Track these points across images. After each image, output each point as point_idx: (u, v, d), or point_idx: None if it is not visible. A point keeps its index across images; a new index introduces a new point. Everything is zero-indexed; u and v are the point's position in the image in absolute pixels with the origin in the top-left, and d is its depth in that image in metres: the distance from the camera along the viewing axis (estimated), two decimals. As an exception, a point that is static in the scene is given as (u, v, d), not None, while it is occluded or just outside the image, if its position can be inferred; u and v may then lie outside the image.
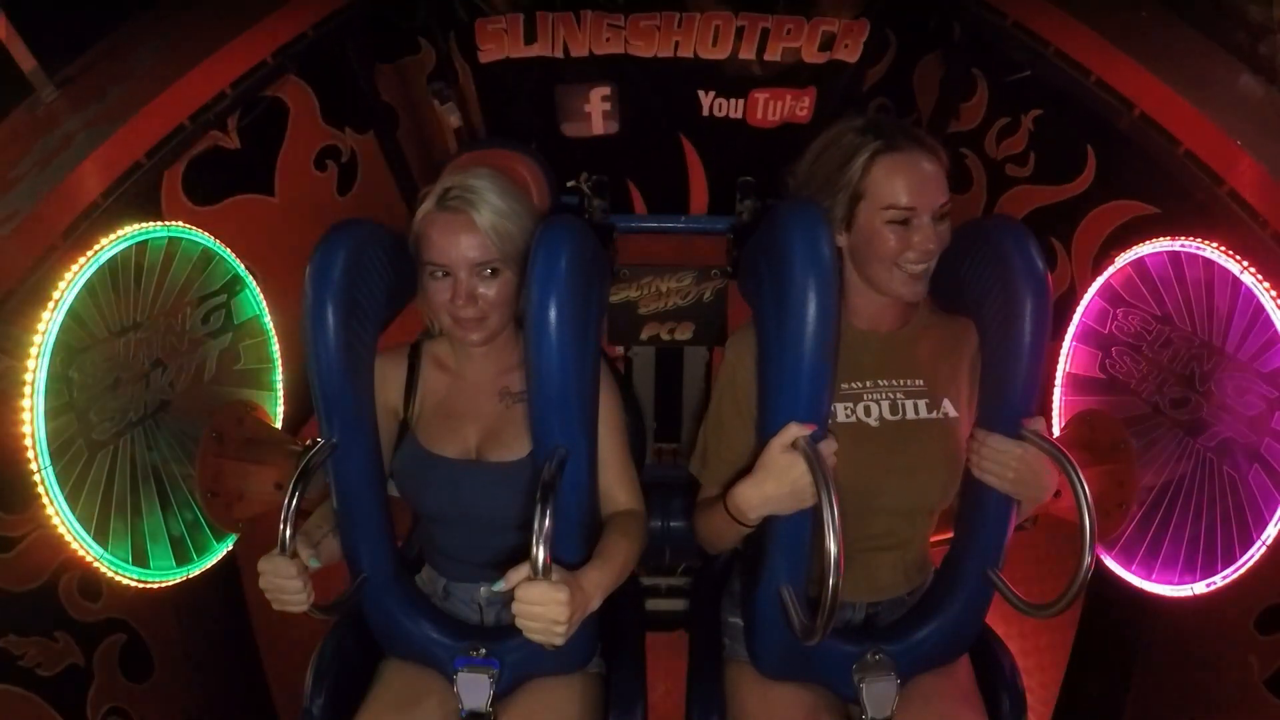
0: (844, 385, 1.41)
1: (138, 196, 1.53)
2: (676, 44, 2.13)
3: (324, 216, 1.98)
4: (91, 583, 1.49)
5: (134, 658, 1.62)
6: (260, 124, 1.82)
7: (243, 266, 1.76)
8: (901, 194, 1.31)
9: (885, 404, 1.42)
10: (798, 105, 2.25)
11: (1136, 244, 1.63)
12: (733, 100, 2.24)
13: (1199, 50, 1.69)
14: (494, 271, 1.38)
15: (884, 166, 1.32)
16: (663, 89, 2.22)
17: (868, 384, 1.43)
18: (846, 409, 1.41)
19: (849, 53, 2.15)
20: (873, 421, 1.41)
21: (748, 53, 2.14)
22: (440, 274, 1.39)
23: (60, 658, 1.47)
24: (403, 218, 2.32)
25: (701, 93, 2.24)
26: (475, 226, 1.36)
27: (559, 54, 2.14)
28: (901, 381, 1.43)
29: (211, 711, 1.86)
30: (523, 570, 1.18)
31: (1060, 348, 1.82)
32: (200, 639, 1.86)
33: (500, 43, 2.14)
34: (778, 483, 1.27)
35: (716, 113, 2.26)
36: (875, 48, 2.15)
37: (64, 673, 1.47)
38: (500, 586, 1.19)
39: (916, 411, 1.42)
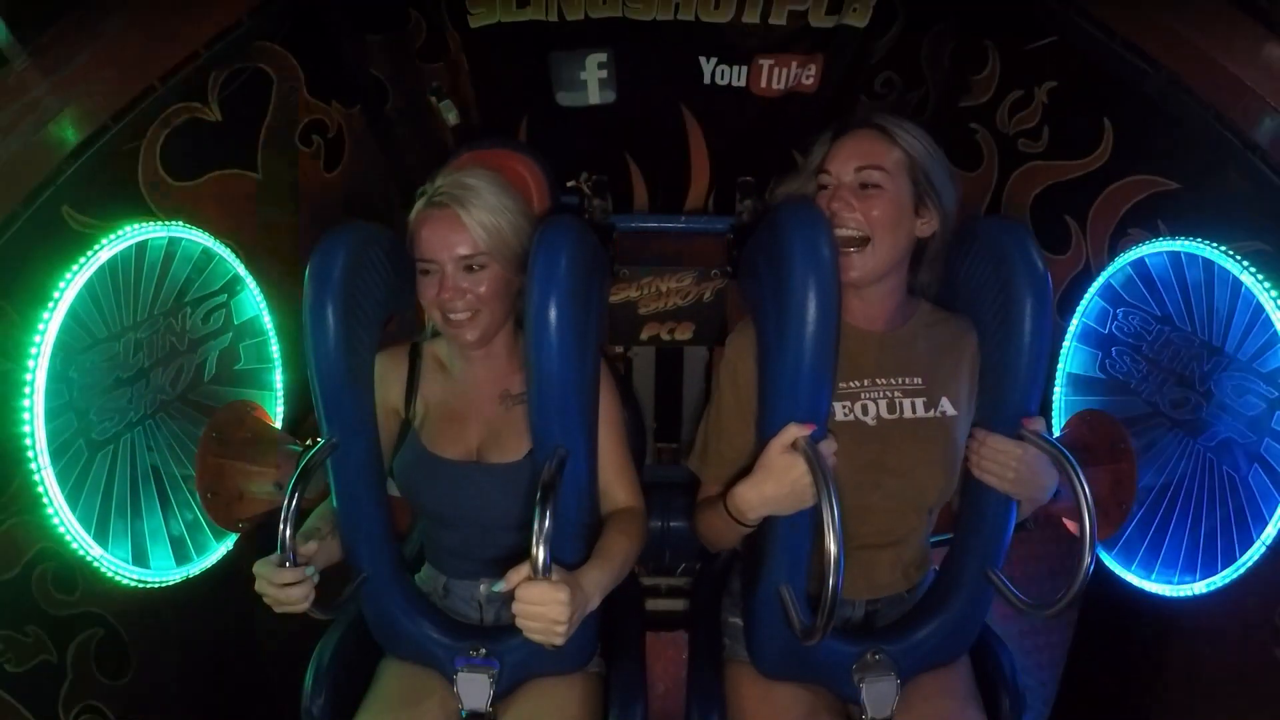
0: (842, 384, 1.41)
1: (111, 168, 1.45)
2: (677, 6, 2.03)
3: (310, 193, 1.97)
4: (67, 575, 1.43)
5: (111, 654, 1.56)
6: (242, 96, 1.72)
7: (243, 266, 1.76)
8: (827, 159, 1.41)
9: (883, 403, 1.42)
10: (804, 73, 2.15)
11: (1154, 221, 1.60)
12: (736, 67, 2.14)
13: (1225, 16, 1.60)
14: (481, 266, 1.38)
15: (832, 147, 1.43)
16: (662, 55, 2.13)
17: (865, 383, 1.43)
18: (845, 408, 1.41)
19: (857, 17, 2.05)
20: (870, 420, 1.41)
21: (751, 16, 2.04)
22: (429, 269, 1.39)
23: (31, 653, 1.41)
24: (391, 196, 2.27)
25: (703, 59, 2.15)
26: (461, 221, 1.36)
27: (553, 18, 2.05)
28: (900, 380, 1.43)
29: (207, 711, 1.86)
30: (522, 570, 1.18)
31: (1061, 347, 1.82)
32: (201, 637, 1.86)
33: (491, 7, 2.05)
34: (777, 483, 1.27)
35: (719, 80, 2.17)
36: (884, 15, 2.07)
37: (35, 669, 1.41)
38: (500, 587, 1.20)
39: (914, 410, 1.42)
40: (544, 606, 1.17)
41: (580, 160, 2.27)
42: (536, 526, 1.15)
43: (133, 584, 1.50)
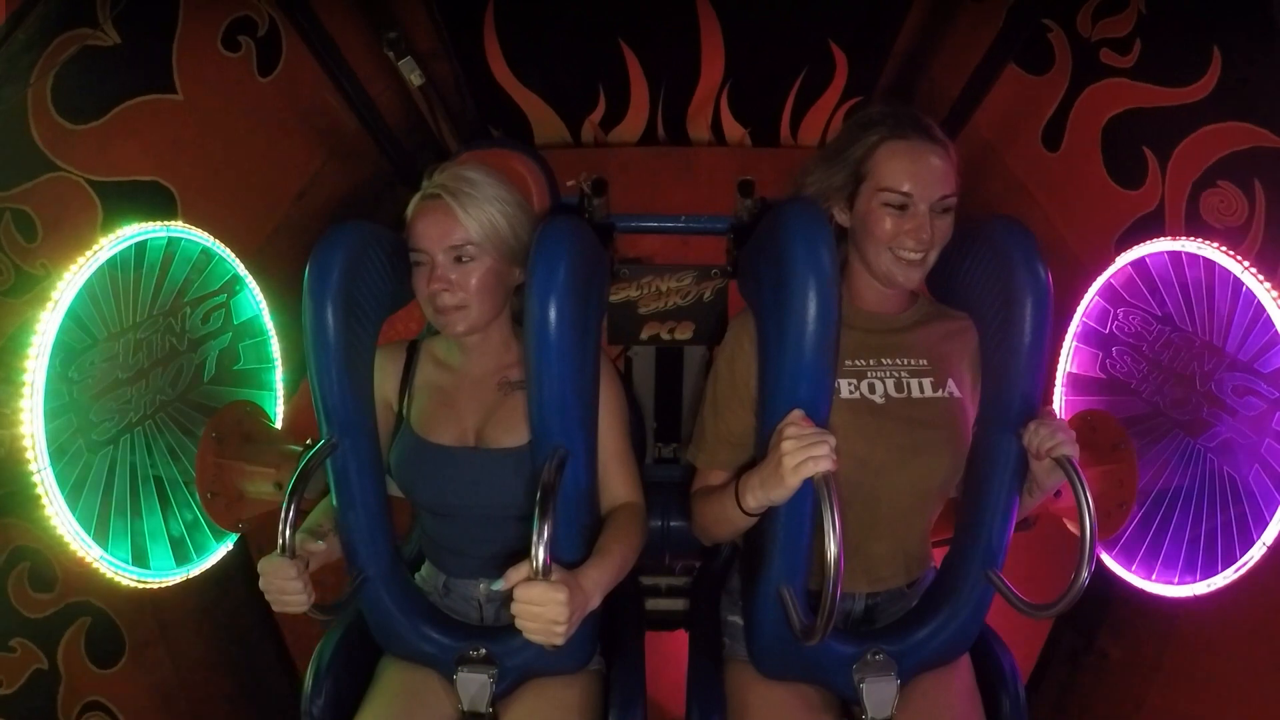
0: (848, 362, 1.41)
1: None
2: None
3: (247, 106, 1.74)
4: (44, 570, 1.37)
5: (103, 640, 1.48)
6: (141, 7, 1.45)
7: (241, 266, 1.76)
8: (899, 179, 1.34)
9: (890, 381, 1.42)
10: None
11: (1250, 179, 1.41)
12: None
13: None
14: (471, 258, 1.38)
15: (888, 151, 1.36)
16: None
17: (871, 362, 1.43)
18: (850, 385, 1.41)
19: None
20: (878, 399, 1.40)
21: None
22: (421, 259, 1.39)
23: (21, 668, 1.35)
24: (338, 107, 1.95)
25: None
26: (453, 212, 1.36)
27: None
28: (906, 361, 1.43)
29: (207, 711, 1.85)
30: (522, 570, 1.18)
31: (1061, 346, 1.81)
32: (200, 637, 1.85)
33: None
34: (775, 460, 1.24)
35: None
36: None
37: (28, 682, 1.35)
38: (500, 585, 1.20)
39: (922, 390, 1.42)
40: (543, 607, 1.17)
41: (564, 54, 1.95)
42: (536, 527, 1.15)
43: (133, 584, 1.50)
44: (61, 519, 1.35)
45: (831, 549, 1.14)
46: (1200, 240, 1.47)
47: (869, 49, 2.05)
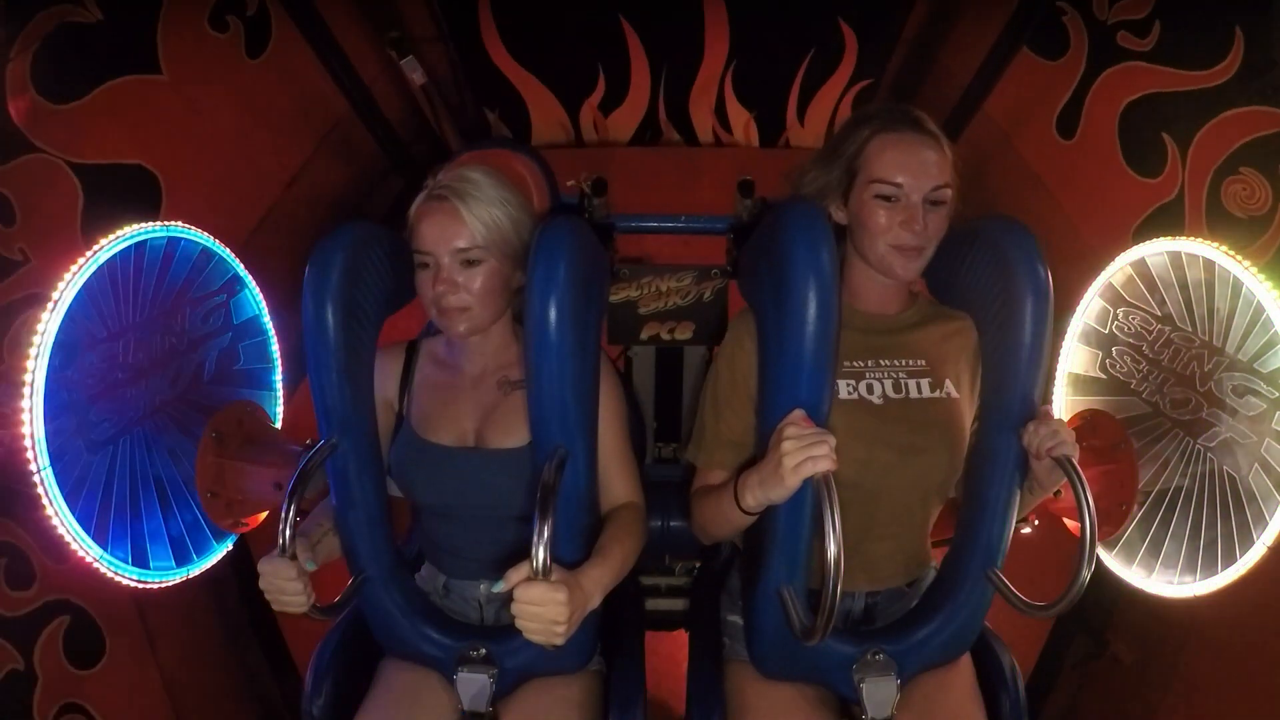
0: (846, 363, 1.41)
1: None
2: None
3: (234, 89, 1.68)
4: (21, 565, 1.34)
5: (82, 640, 1.44)
6: None
7: (241, 266, 1.76)
8: (890, 170, 1.36)
9: (889, 382, 1.42)
10: None
11: (1274, 165, 1.37)
12: None
13: None
14: (478, 261, 1.38)
15: (879, 143, 1.38)
16: None
17: (869, 363, 1.43)
18: (849, 386, 1.41)
19: None
20: (876, 399, 1.41)
21: None
22: (426, 262, 1.39)
23: None
24: (331, 92, 1.90)
25: None
26: (459, 215, 1.36)
27: None
28: (904, 361, 1.44)
29: (207, 711, 1.85)
30: (522, 570, 1.18)
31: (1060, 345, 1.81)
32: (200, 637, 1.85)
33: None
34: (775, 460, 1.24)
35: None
36: None
37: (2, 683, 1.31)
38: (500, 587, 1.20)
39: (920, 390, 1.42)
40: (543, 607, 1.17)
41: (562, 31, 1.90)
42: (536, 527, 1.15)
43: (133, 585, 1.49)
44: (61, 520, 1.35)
45: (831, 549, 1.14)
46: (1199, 239, 1.47)
47: (879, 29, 1.97)
